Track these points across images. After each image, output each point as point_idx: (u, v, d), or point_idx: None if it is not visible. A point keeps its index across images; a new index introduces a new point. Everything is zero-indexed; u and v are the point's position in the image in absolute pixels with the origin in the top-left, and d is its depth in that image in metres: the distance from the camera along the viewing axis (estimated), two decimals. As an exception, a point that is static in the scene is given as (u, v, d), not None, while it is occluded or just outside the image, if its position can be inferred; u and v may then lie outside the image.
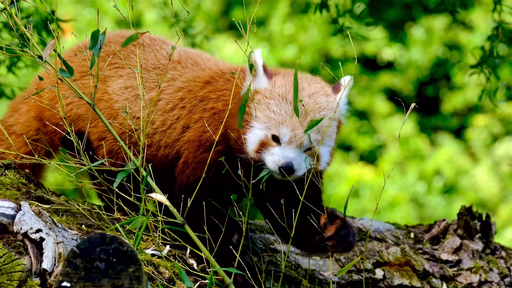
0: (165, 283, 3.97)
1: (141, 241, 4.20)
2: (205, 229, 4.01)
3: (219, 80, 4.30)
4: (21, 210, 3.88)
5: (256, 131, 4.00)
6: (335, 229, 4.05)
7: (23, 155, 4.34)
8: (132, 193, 3.97)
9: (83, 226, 4.22)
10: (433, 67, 12.63)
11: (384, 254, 4.82)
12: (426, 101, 12.58)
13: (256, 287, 4.10)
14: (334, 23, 6.01)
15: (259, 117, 4.00)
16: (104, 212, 4.25)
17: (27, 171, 4.70)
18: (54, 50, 3.83)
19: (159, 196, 3.91)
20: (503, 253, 5.12)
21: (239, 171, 3.96)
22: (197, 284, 4.09)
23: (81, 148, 3.95)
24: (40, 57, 3.85)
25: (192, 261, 4.22)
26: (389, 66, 12.61)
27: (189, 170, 4.19)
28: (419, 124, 12.36)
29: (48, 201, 4.35)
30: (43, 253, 3.70)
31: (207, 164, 4.05)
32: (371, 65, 12.58)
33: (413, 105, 3.84)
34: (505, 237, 10.93)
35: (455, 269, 4.92)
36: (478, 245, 5.04)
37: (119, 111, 4.39)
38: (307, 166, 3.97)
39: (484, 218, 5.12)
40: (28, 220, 3.80)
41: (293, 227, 4.00)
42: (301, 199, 3.95)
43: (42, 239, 3.72)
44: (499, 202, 11.77)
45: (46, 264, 3.68)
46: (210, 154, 4.07)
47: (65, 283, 3.18)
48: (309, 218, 4.06)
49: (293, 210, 3.99)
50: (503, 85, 5.92)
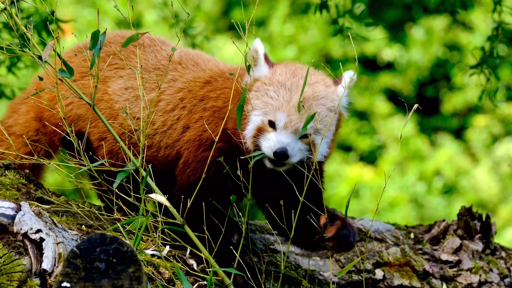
0: (165, 283, 3.97)
1: (141, 242, 4.20)
2: (205, 229, 4.01)
3: (219, 80, 4.31)
4: (21, 210, 3.88)
5: (254, 118, 4.02)
6: (335, 230, 4.05)
7: (23, 156, 4.34)
8: (132, 193, 3.97)
9: (83, 226, 4.22)
10: (433, 68, 12.62)
11: (384, 255, 4.82)
12: (426, 102, 12.56)
13: (255, 287, 4.09)
14: (334, 23, 6.01)
15: (257, 104, 4.02)
16: (104, 212, 4.25)
17: (27, 171, 4.70)
18: (54, 50, 3.83)
19: (159, 197, 3.90)
20: (503, 254, 5.12)
21: (238, 172, 3.97)
22: (196, 284, 4.09)
23: (81, 149, 3.94)
24: (40, 57, 3.85)
25: (192, 262, 4.22)
26: (389, 66, 12.60)
27: (190, 169, 4.19)
28: (419, 125, 12.35)
29: (48, 202, 4.35)
30: (43, 253, 3.70)
31: (207, 163, 4.06)
32: (371, 65, 12.57)
33: (415, 106, 3.84)
34: (505, 237, 10.92)
35: (455, 269, 4.92)
36: (478, 246, 5.04)
37: (119, 112, 4.39)
38: (303, 155, 3.98)
39: (484, 218, 5.12)
40: (28, 220, 3.80)
41: (293, 227, 4.00)
42: (301, 199, 3.95)
43: (42, 239, 3.72)
44: (499, 203, 11.76)
45: (46, 265, 3.67)
46: (211, 152, 4.07)
47: (65, 284, 3.18)
48: (309, 218, 4.06)
49: (293, 210, 3.99)
50: (503, 85, 5.92)
